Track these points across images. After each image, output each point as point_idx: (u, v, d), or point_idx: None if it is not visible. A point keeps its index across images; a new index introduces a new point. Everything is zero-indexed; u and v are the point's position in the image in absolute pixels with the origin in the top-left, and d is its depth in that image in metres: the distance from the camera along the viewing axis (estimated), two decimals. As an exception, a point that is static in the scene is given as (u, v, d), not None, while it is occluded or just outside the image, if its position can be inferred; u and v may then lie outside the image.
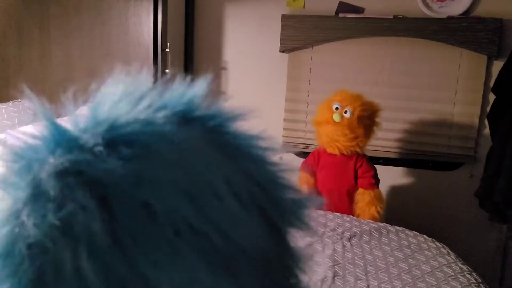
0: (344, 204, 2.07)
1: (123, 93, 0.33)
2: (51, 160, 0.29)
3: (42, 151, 0.30)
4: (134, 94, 0.33)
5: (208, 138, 0.34)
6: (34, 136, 0.31)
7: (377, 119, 2.15)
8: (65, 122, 0.32)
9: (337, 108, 2.07)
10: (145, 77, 0.35)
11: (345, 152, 2.08)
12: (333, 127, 2.06)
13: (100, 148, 0.29)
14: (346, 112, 2.06)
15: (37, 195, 0.28)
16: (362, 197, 2.07)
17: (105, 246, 0.27)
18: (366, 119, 2.08)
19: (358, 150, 2.09)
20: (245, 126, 0.36)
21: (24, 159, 0.30)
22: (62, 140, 0.30)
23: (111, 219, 0.27)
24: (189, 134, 0.33)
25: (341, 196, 2.10)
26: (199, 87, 0.35)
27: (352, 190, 2.12)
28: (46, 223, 0.27)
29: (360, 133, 2.06)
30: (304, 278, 0.37)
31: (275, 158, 0.37)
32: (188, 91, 0.35)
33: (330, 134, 2.08)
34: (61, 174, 0.28)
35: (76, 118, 0.32)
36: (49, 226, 0.27)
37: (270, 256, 0.33)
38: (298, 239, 0.38)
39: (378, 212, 2.03)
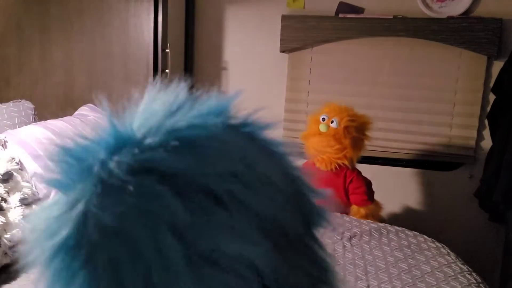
0: None
1: (163, 103, 0.39)
2: (119, 158, 0.34)
3: (105, 151, 0.35)
4: (173, 103, 0.40)
5: (249, 140, 0.42)
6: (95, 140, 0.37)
7: (367, 132, 2.07)
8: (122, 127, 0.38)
9: (324, 119, 2.02)
10: (182, 88, 0.42)
11: (332, 167, 2.00)
12: (319, 138, 2.00)
13: (167, 147, 0.35)
14: (332, 122, 2.00)
15: (110, 189, 0.33)
16: (358, 211, 2.03)
17: (184, 224, 0.33)
18: (354, 130, 2.01)
19: (346, 162, 2.00)
20: (272, 134, 0.44)
21: (85, 159, 0.35)
22: (127, 142, 0.36)
23: (184, 204, 0.34)
24: (233, 135, 0.40)
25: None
26: (230, 99, 0.43)
27: (345, 206, 2.06)
28: (122, 212, 0.32)
29: (347, 144, 1.98)
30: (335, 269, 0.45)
31: (298, 162, 0.45)
32: (221, 101, 0.42)
33: (316, 146, 2.01)
34: (136, 170, 0.34)
35: (131, 124, 0.38)
36: (126, 214, 0.32)
37: (298, 234, 0.41)
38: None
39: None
